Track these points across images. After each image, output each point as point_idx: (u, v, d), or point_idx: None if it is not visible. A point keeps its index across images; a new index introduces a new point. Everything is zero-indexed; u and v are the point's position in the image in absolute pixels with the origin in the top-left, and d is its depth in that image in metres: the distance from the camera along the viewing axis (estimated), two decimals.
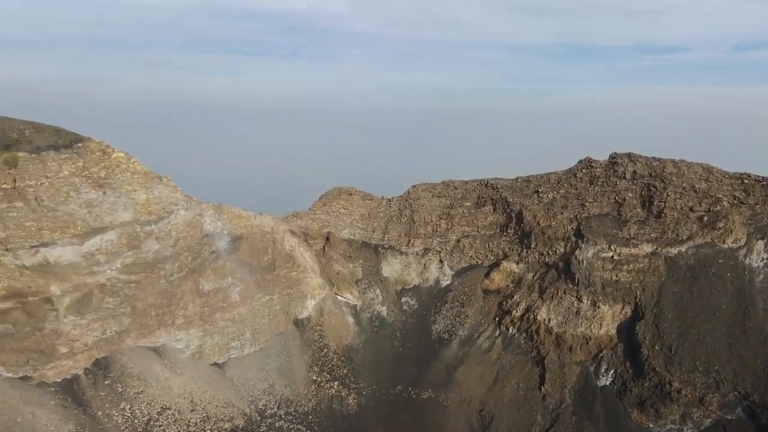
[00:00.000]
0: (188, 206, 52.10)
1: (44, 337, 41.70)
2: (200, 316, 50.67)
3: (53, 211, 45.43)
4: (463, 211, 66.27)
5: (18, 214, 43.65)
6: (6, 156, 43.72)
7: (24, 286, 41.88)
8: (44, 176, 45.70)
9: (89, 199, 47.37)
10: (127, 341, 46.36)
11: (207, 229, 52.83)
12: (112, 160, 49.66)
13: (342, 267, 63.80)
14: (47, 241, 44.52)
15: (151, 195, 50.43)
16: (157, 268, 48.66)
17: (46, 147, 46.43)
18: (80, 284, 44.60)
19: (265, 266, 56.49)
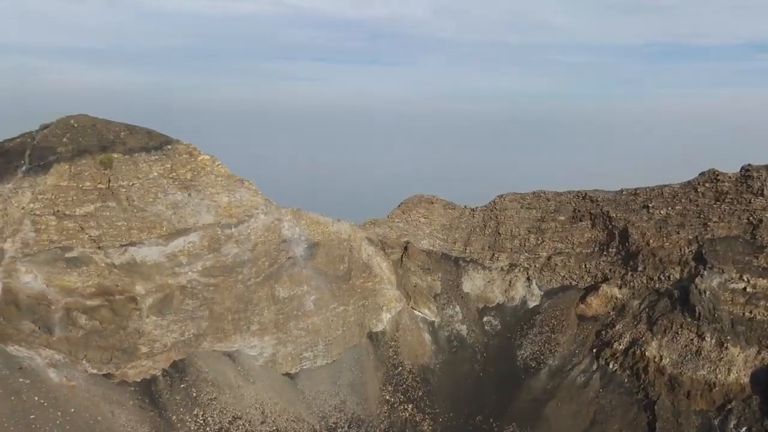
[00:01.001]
0: (268, 210, 51.50)
1: (127, 335, 42.50)
2: (275, 323, 49.70)
3: (142, 211, 46.62)
4: (556, 225, 60.15)
5: (110, 213, 45.21)
6: (102, 157, 45.53)
7: (112, 284, 43.08)
8: (136, 177, 47.11)
9: (175, 201, 48.19)
10: (204, 344, 46.32)
11: (285, 234, 51.90)
12: (198, 163, 50.33)
13: (420, 280, 60.39)
14: (135, 240, 45.70)
15: (232, 198, 50.42)
16: (235, 272, 48.34)
17: (139, 148, 47.90)
18: (163, 285, 45.20)
19: (340, 275, 54.59)
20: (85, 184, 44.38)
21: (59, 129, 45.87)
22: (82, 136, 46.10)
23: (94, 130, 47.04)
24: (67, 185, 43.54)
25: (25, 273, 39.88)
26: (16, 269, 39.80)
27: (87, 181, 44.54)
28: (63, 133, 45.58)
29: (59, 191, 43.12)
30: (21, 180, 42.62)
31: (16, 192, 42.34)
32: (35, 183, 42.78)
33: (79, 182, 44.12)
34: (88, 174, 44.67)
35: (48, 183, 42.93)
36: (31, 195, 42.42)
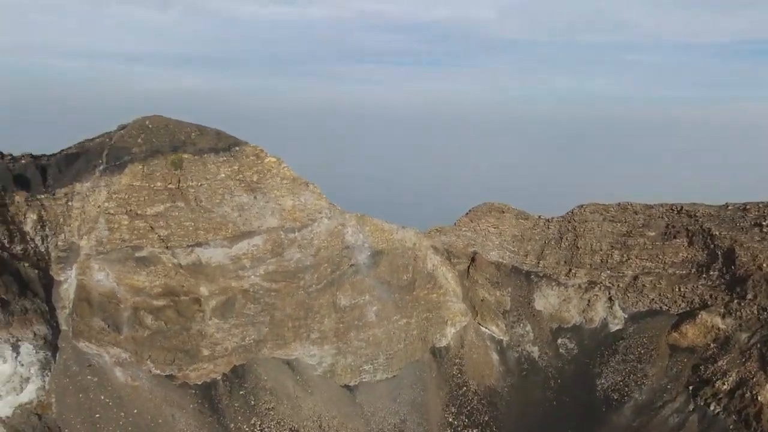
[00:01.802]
0: (332, 215, 50.02)
1: (190, 337, 42.46)
2: (335, 332, 48.09)
3: (209, 212, 46.69)
4: (645, 241, 54.13)
5: (179, 213, 45.60)
6: (173, 157, 46.03)
7: (177, 284, 43.29)
8: (204, 178, 47.29)
9: (241, 203, 47.92)
10: (264, 351, 45.56)
11: (348, 240, 50.18)
12: (265, 165, 49.83)
13: (488, 294, 56.59)
14: (201, 241, 45.80)
15: (297, 201, 49.43)
16: (297, 278, 47.25)
17: (208, 149, 48.07)
18: (226, 287, 44.92)
19: (404, 285, 52.09)
20: (156, 184, 45.01)
21: (135, 129, 46.92)
22: (156, 136, 46.88)
23: (166, 131, 47.75)
24: (139, 185, 44.32)
25: (98, 271, 40.83)
26: (90, 267, 40.84)
27: (158, 181, 45.15)
28: (138, 134, 46.56)
29: (132, 191, 43.94)
30: (98, 179, 43.89)
31: (94, 191, 43.63)
32: (111, 182, 43.89)
33: (150, 182, 44.80)
34: (160, 174, 45.27)
35: (122, 182, 43.88)
36: (107, 194, 43.53)
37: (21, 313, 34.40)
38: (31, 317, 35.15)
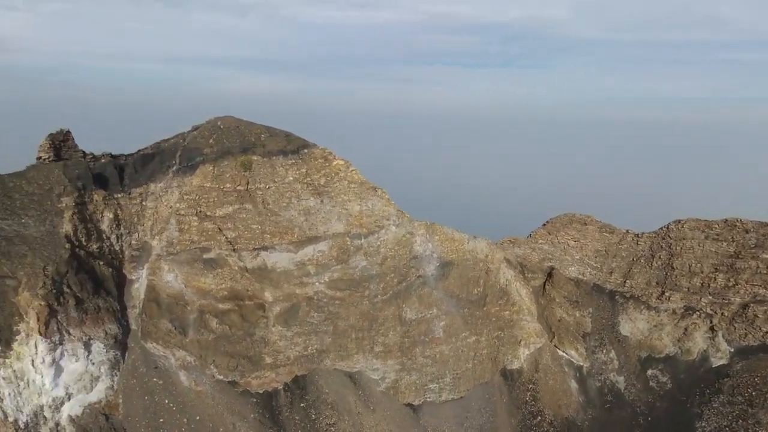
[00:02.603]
0: (400, 222, 47.62)
1: (253, 343, 41.64)
2: (399, 347, 45.62)
3: (276, 215, 45.88)
4: (758, 264, 47.21)
5: (247, 216, 45.12)
6: (243, 159, 45.64)
7: (243, 288, 42.68)
8: (272, 180, 46.56)
9: (308, 207, 46.73)
10: (326, 362, 43.95)
11: (416, 250, 47.56)
12: (332, 168, 48.38)
13: (566, 313, 51.84)
14: (267, 245, 45.03)
15: (364, 207, 47.52)
16: (362, 287, 45.28)
17: (277, 151, 47.33)
18: (290, 294, 43.80)
19: (474, 300, 48.69)
20: (225, 186, 44.77)
21: (207, 130, 47.04)
22: (227, 137, 46.72)
23: (237, 132, 47.51)
24: (209, 186, 44.22)
25: (168, 272, 40.96)
26: (160, 267, 41.06)
27: (227, 183, 44.89)
28: (210, 135, 46.61)
29: (202, 192, 43.91)
30: (171, 179, 44.28)
31: (166, 191, 44.06)
32: (182, 183, 44.11)
33: (220, 183, 44.61)
34: (229, 176, 44.99)
35: (193, 183, 43.96)
36: (179, 195, 43.77)
37: (94, 312, 34.86)
38: (103, 316, 35.58)
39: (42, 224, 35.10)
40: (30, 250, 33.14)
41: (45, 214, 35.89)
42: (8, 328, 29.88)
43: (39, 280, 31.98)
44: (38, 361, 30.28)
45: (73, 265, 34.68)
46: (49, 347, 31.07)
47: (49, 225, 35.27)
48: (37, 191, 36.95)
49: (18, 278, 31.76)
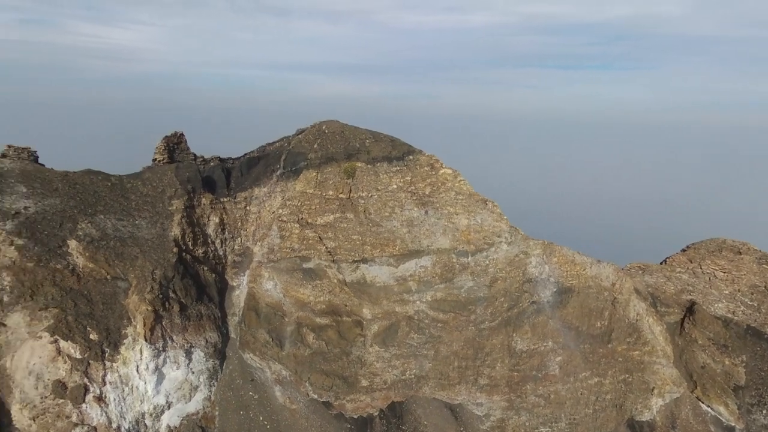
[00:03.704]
0: (512, 240, 42.69)
1: (350, 363, 39.15)
2: (508, 381, 40.67)
3: (377, 225, 43.26)
4: None
5: (347, 225, 42.99)
6: (347, 166, 43.60)
7: (341, 303, 40.47)
8: (375, 188, 44.06)
9: (411, 218, 43.56)
10: (425, 389, 40.30)
11: (531, 272, 42.31)
12: (439, 177, 44.79)
13: (711, 360, 43.39)
14: (367, 257, 42.52)
15: (472, 221, 43.26)
16: (468, 310, 41.04)
17: (381, 158, 44.76)
18: (389, 312, 40.81)
19: (597, 334, 42.28)
20: (328, 193, 43.01)
21: (311, 134, 45.71)
22: (331, 142, 45.01)
23: (341, 137, 45.65)
24: (312, 193, 42.69)
25: (268, 279, 39.88)
26: (261, 274, 40.10)
27: (330, 190, 43.11)
28: (314, 139, 45.21)
29: (305, 198, 42.48)
30: (275, 184, 43.42)
31: (270, 196, 43.26)
32: (286, 188, 43.03)
33: (323, 190, 42.93)
34: (332, 182, 43.19)
35: (296, 189, 42.69)
36: (281, 200, 42.73)
37: (196, 319, 34.39)
38: (204, 323, 35.04)
39: (153, 226, 35.42)
40: (141, 253, 33.37)
41: (156, 216, 36.26)
42: (117, 331, 29.98)
43: (147, 284, 31.95)
44: (142, 367, 30.08)
45: (179, 270, 34.50)
46: (153, 353, 30.81)
47: (160, 228, 35.50)
48: (151, 193, 37.57)
49: (129, 280, 31.95)
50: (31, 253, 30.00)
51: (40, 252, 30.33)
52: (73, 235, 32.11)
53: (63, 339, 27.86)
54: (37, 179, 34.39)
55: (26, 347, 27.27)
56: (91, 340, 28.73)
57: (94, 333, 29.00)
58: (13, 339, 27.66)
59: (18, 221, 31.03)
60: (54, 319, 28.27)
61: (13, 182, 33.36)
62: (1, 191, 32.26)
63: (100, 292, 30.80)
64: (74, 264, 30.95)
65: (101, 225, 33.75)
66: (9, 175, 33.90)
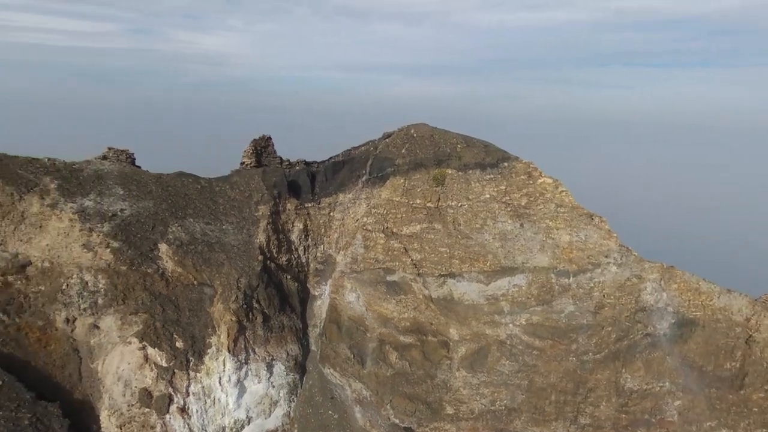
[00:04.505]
0: (623, 261, 37.58)
1: (434, 387, 36.29)
2: (614, 423, 35.74)
3: (466, 238, 40.02)
4: None
5: (435, 236, 40.19)
6: (437, 172, 40.76)
7: (426, 321, 37.72)
8: (466, 198, 40.85)
9: (504, 231, 39.84)
10: (516, 423, 36.45)
11: (645, 299, 36.95)
12: (537, 186, 40.63)
13: None
14: (455, 271, 39.44)
15: (575, 237, 38.68)
16: (568, 338, 36.60)
17: (473, 165, 41.44)
18: (479, 333, 37.43)
19: (726, 377, 36.06)
20: (415, 201, 40.45)
21: (399, 139, 43.38)
22: (420, 147, 42.40)
23: (431, 141, 42.89)
24: (398, 201, 40.33)
25: (350, 291, 38.07)
26: (343, 285, 38.38)
27: (418, 198, 40.52)
28: (402, 144, 42.83)
29: (391, 207, 40.21)
30: (360, 190, 41.61)
31: (354, 202, 41.51)
32: (371, 195, 41.06)
33: (410, 198, 40.43)
34: (420, 190, 40.57)
35: (382, 196, 40.54)
36: (366, 208, 40.81)
37: (279, 330, 33.26)
38: (286, 335, 33.85)
39: (240, 232, 34.82)
40: (227, 259, 32.78)
41: (243, 222, 35.67)
42: (202, 340, 29.42)
43: (232, 293, 31.22)
44: (225, 379, 29.31)
45: (263, 279, 33.56)
46: (236, 365, 29.97)
47: (246, 234, 34.83)
48: (238, 197, 37.11)
49: (215, 287, 31.39)
50: (125, 256, 30.27)
51: (133, 255, 30.54)
52: (164, 238, 32.15)
53: (150, 346, 27.64)
54: (133, 181, 35.04)
55: (116, 352, 27.32)
56: (177, 348, 28.31)
57: (180, 341, 28.57)
58: (105, 342, 27.85)
59: (114, 223, 31.54)
60: (143, 324, 28.15)
61: (111, 184, 34.17)
62: (101, 193, 33.08)
63: (187, 298, 30.46)
64: (164, 268, 30.88)
65: (190, 229, 33.63)
66: (108, 177, 34.82)
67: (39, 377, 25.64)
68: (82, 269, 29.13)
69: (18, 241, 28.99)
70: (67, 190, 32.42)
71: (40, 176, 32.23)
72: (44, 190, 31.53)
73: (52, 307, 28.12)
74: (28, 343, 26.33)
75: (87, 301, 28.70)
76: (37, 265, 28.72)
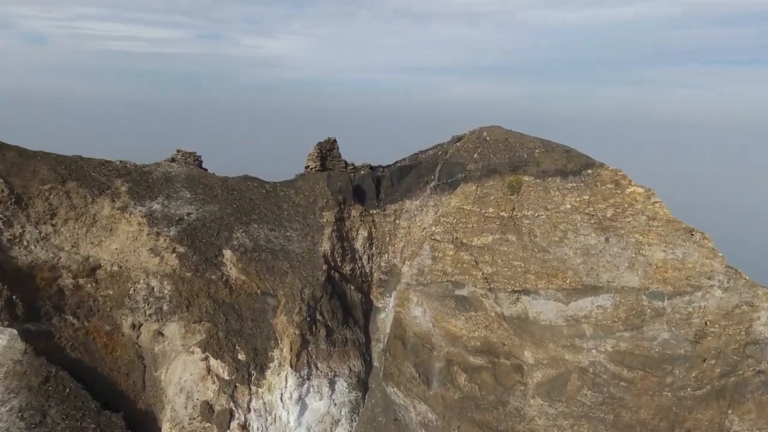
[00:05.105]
0: (730, 285, 32.84)
1: (506, 415, 33.30)
2: None
3: (544, 251, 36.61)
4: None
5: (508, 249, 37.09)
6: (512, 179, 37.61)
7: (498, 341, 34.76)
8: (544, 207, 37.42)
9: (587, 245, 36.07)
10: None
11: (758, 331, 32.05)
12: (625, 197, 36.52)
13: None
14: (530, 288, 36.16)
15: (671, 255, 34.32)
16: (662, 370, 32.40)
17: (553, 171, 37.91)
18: (557, 358, 33.98)
19: None
20: (488, 210, 37.53)
21: (471, 143, 40.59)
22: (494, 152, 39.40)
23: (506, 146, 39.76)
24: (470, 209, 37.59)
25: (416, 305, 35.79)
26: (409, 298, 36.16)
27: (491, 207, 37.58)
28: (474, 148, 40.03)
29: (461, 216, 37.54)
30: (428, 197, 39.26)
31: (421, 210, 39.21)
32: (440, 203, 38.60)
33: (482, 207, 37.57)
34: (494, 198, 37.60)
35: (452, 204, 37.96)
36: (434, 216, 38.38)
37: (341, 344, 31.62)
38: (349, 350, 32.13)
39: (303, 239, 33.50)
40: (291, 268, 31.50)
41: (307, 229, 34.34)
42: (264, 353, 28.24)
43: (296, 304, 29.85)
44: (286, 396, 27.96)
45: (327, 290, 32.01)
46: (298, 381, 28.55)
47: (310, 241, 33.46)
48: (303, 203, 35.86)
49: (278, 297, 30.15)
50: (190, 261, 29.68)
51: (198, 261, 29.91)
52: (229, 244, 31.35)
53: (213, 357, 26.73)
54: (200, 184, 34.65)
55: (179, 361, 26.61)
56: (239, 360, 27.26)
57: (242, 353, 27.50)
58: (169, 350, 27.26)
59: (180, 228, 31.11)
60: (206, 333, 27.30)
61: (179, 187, 33.93)
62: (168, 196, 32.85)
63: (250, 307, 29.41)
64: (227, 275, 30.04)
65: (255, 235, 32.69)
66: (176, 180, 34.63)
67: (104, 384, 25.42)
68: (148, 274, 28.83)
69: (89, 244, 29.15)
70: (137, 193, 32.41)
71: (111, 179, 32.44)
72: (115, 192, 31.65)
73: (119, 312, 27.96)
74: (96, 348, 26.23)
75: (152, 307, 28.33)
76: (107, 269, 28.72)
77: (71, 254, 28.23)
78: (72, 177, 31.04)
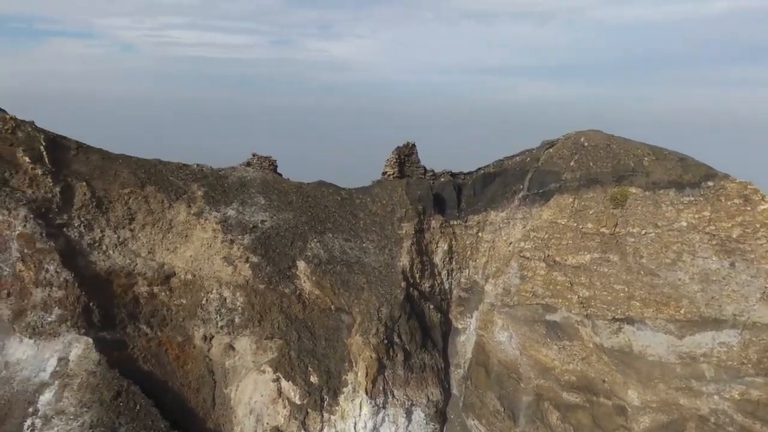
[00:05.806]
0: None
1: None
2: None
3: (652, 275, 31.74)
4: None
5: (609, 270, 32.55)
6: (616, 191, 33.02)
7: (597, 377, 30.42)
8: (653, 224, 32.50)
9: (706, 270, 30.80)
10: None
11: None
12: (757, 215, 30.80)
13: None
14: (635, 316, 31.46)
15: None
16: None
17: (666, 183, 32.86)
18: (669, 402, 29.13)
19: None
20: (586, 226, 33.18)
21: (566, 149, 36.31)
22: (594, 159, 34.93)
23: (608, 152, 35.15)
24: (565, 224, 33.44)
25: (501, 329, 32.23)
26: (493, 321, 32.67)
27: (589, 222, 33.19)
28: (570, 155, 35.73)
29: (555, 230, 33.49)
30: (516, 209, 35.48)
31: (508, 223, 35.49)
32: (530, 215, 34.70)
33: (579, 222, 33.28)
34: (593, 212, 33.19)
35: (544, 218, 33.97)
36: (523, 230, 34.55)
37: (419, 370, 28.83)
38: (427, 376, 29.26)
39: (381, 252, 31.08)
40: (367, 283, 29.19)
41: (385, 240, 31.89)
42: (337, 376, 26.10)
43: (373, 324, 27.45)
44: (360, 425, 25.67)
45: (405, 309, 29.37)
46: (373, 410, 26.16)
47: (387, 255, 30.97)
48: (380, 212, 33.48)
49: (353, 315, 27.93)
50: (263, 273, 28.18)
51: (271, 272, 28.35)
52: (303, 255, 29.58)
53: (284, 378, 24.93)
54: (274, 190, 33.27)
55: (250, 379, 25.06)
56: (311, 383, 25.27)
57: (315, 375, 25.49)
58: (240, 366, 25.83)
59: (254, 236, 29.76)
60: (278, 352, 25.57)
61: (254, 193, 32.73)
62: (243, 202, 31.69)
63: (324, 325, 27.39)
64: (301, 289, 28.22)
65: (329, 245, 30.71)
66: (251, 185, 33.51)
67: (174, 400, 24.43)
68: (221, 284, 27.68)
69: (165, 251, 28.52)
70: (212, 198, 31.53)
71: (188, 183, 31.80)
72: (191, 197, 30.94)
73: (191, 323, 27.00)
74: (167, 360, 25.36)
75: (224, 319, 27.13)
76: (181, 277, 27.92)
77: (147, 260, 27.68)
78: (151, 181, 30.67)
